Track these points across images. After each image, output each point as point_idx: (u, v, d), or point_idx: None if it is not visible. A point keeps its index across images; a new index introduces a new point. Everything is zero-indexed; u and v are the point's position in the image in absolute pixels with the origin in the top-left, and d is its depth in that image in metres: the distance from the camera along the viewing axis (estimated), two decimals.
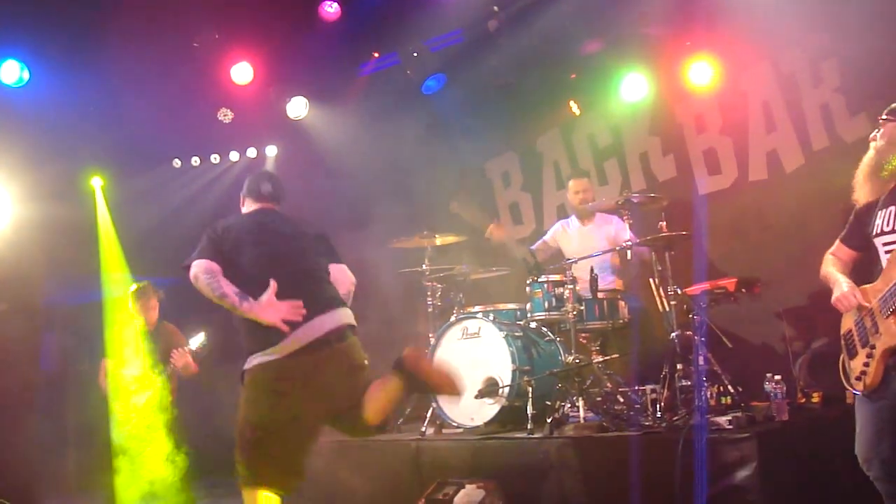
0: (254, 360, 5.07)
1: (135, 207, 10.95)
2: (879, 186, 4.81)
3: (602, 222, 8.53)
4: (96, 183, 11.05)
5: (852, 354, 4.83)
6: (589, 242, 8.41)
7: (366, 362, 5.36)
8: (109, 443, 9.23)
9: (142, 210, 11.02)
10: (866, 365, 4.68)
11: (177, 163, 11.53)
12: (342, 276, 5.78)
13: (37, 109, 9.27)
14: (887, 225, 4.70)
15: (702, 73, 8.69)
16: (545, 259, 8.64)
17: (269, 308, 5.00)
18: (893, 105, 4.87)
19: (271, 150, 11.78)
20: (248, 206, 5.91)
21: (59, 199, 10.33)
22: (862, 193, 4.89)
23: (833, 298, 4.83)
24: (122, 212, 10.89)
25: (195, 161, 11.62)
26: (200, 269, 5.15)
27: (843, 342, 4.92)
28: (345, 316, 5.39)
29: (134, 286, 8.96)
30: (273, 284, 5.06)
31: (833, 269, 4.94)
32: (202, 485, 8.79)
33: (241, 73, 9.87)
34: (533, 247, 8.76)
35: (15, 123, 9.32)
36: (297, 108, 10.39)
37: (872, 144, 4.87)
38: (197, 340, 8.50)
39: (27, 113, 9.25)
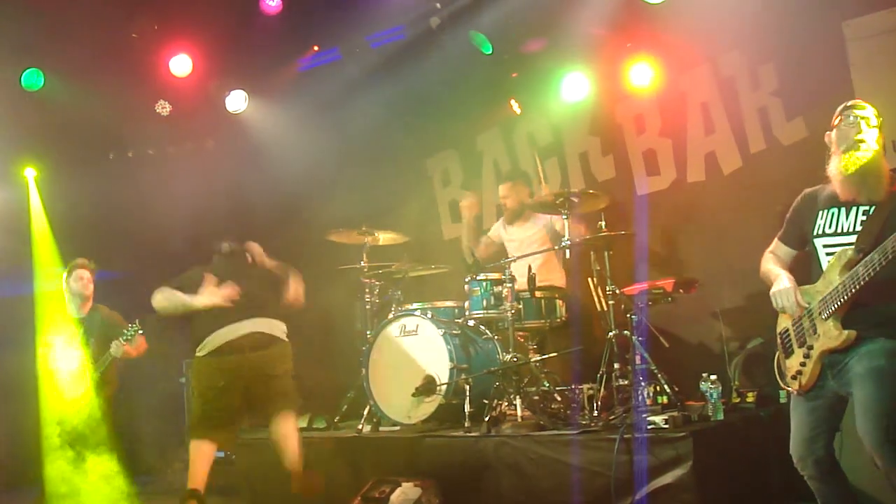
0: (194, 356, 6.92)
1: (69, 199, 10.77)
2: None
3: (538, 221, 8.53)
4: (30, 173, 10.86)
5: (788, 353, 4.88)
6: (526, 239, 8.43)
7: (279, 373, 6.97)
8: (40, 438, 9.10)
9: (76, 202, 10.84)
10: (803, 365, 4.73)
11: (112, 155, 11.37)
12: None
13: None
14: (829, 227, 4.75)
15: (642, 74, 8.72)
16: (491, 254, 8.66)
17: (207, 294, 6.79)
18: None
19: (209, 144, 11.66)
20: None
21: None
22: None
23: (773, 290, 4.85)
24: (55, 203, 10.71)
25: (132, 153, 11.46)
26: (158, 292, 6.98)
27: (779, 340, 4.97)
28: (259, 324, 6.97)
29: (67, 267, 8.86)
30: (210, 277, 6.80)
31: (773, 265, 4.98)
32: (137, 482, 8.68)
33: (180, 65, 9.76)
34: (479, 243, 8.79)
35: None
36: (237, 101, 10.30)
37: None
38: (133, 331, 8.41)
39: None
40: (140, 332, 8.46)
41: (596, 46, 8.86)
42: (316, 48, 10.05)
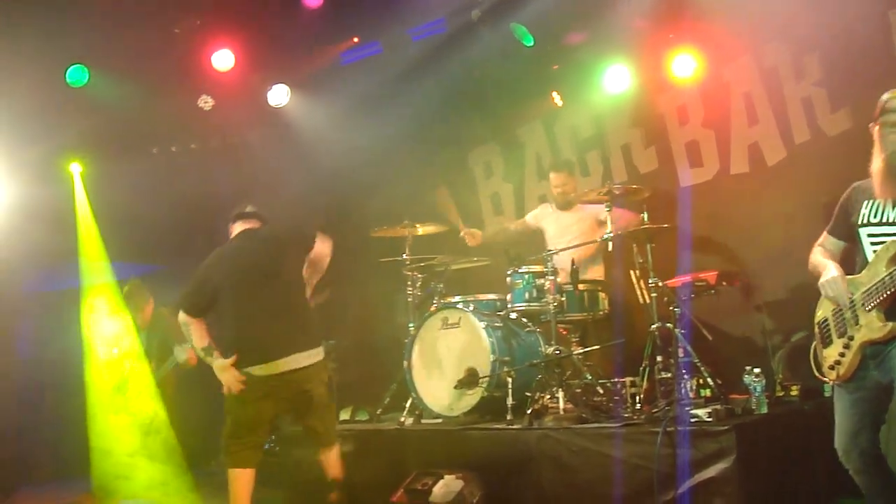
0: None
1: (113, 194, 10.87)
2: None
3: (582, 213, 8.51)
4: (75, 169, 10.97)
5: (826, 343, 4.84)
6: (568, 230, 8.41)
7: (309, 387, 6.51)
8: (87, 431, 9.22)
9: (120, 197, 10.94)
10: (842, 355, 4.69)
11: (156, 149, 11.46)
12: (322, 251, 6.98)
13: (16, 94, 9.19)
14: (874, 216, 4.69)
15: (685, 65, 8.66)
16: (521, 237, 8.67)
17: (224, 373, 6.41)
18: None
19: (252, 138, 11.72)
20: (233, 230, 6.91)
21: (38, 185, 10.27)
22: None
23: (822, 280, 4.79)
24: (100, 198, 10.82)
25: (175, 147, 11.55)
26: (185, 321, 6.55)
27: (817, 330, 4.93)
28: (298, 360, 6.42)
29: (126, 286, 8.97)
30: (231, 359, 6.39)
31: (822, 257, 4.93)
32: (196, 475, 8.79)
33: (223, 60, 9.81)
34: (512, 227, 8.80)
35: None
36: (279, 95, 10.35)
37: None
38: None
39: (6, 97, 9.17)
40: None
41: (638, 38, 8.81)
42: (356, 40, 10.07)
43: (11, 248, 10.12)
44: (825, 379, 4.84)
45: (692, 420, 5.98)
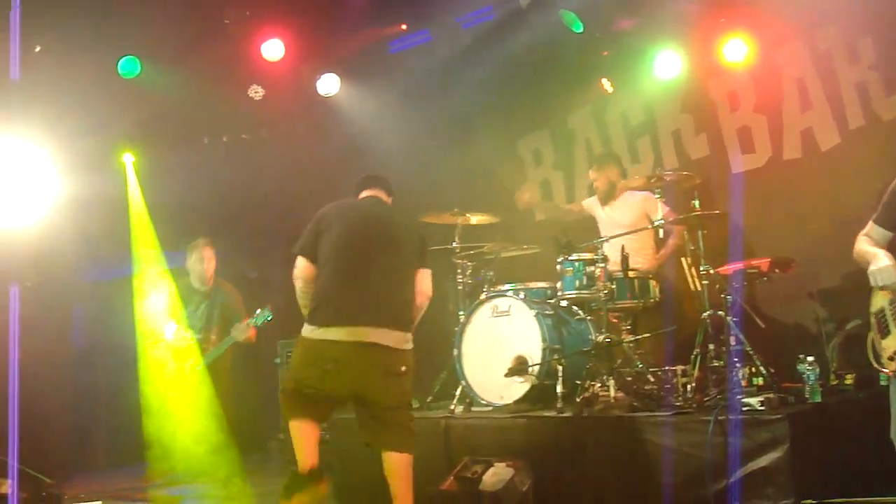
0: (305, 328, 5.95)
1: (165, 183, 10.98)
2: None
3: (630, 200, 8.44)
4: (127, 159, 11.09)
5: (884, 333, 4.77)
6: (618, 219, 8.37)
7: (401, 369, 5.97)
8: (141, 417, 9.32)
9: (172, 186, 11.04)
10: None
11: (207, 139, 11.55)
12: (420, 285, 6.35)
13: (67, 84, 9.29)
14: None
15: (736, 50, 8.58)
16: (573, 219, 8.65)
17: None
18: None
19: (301, 127, 11.78)
20: (363, 192, 6.60)
21: (90, 175, 10.38)
22: None
23: (872, 268, 4.71)
24: (152, 188, 10.93)
25: (226, 138, 11.64)
26: (299, 273, 6.11)
27: (873, 320, 4.87)
28: (383, 336, 5.85)
29: (193, 240, 9.06)
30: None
31: (868, 246, 4.85)
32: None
33: (272, 49, 9.86)
34: (568, 207, 8.77)
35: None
36: (328, 85, 10.39)
37: None
38: (263, 317, 8.60)
39: (60, 89, 9.27)
40: (269, 318, 8.63)
41: (688, 23, 8.75)
42: (404, 27, 10.07)
43: (65, 238, 10.25)
44: (884, 370, 4.78)
45: (744, 409, 5.93)
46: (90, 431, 11.29)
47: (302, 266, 6.08)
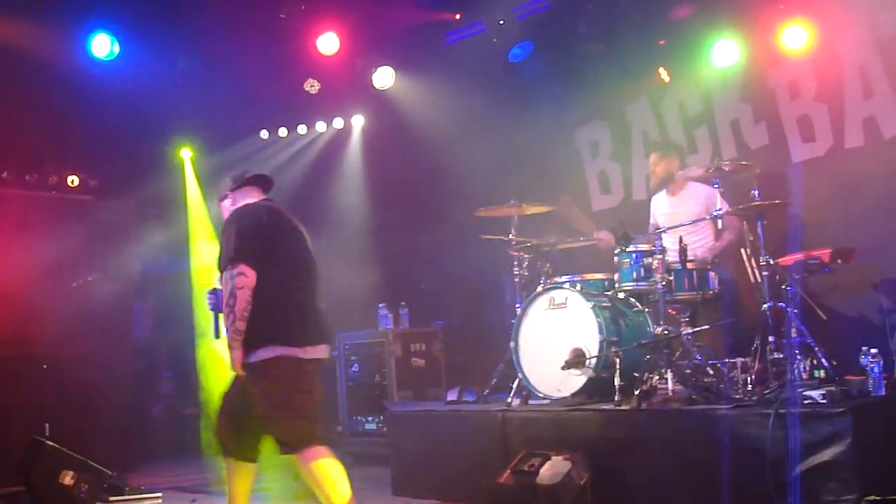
0: (290, 349, 5.56)
1: (223, 178, 11.09)
2: None
3: (691, 192, 8.36)
4: (185, 154, 11.21)
5: None
6: (680, 212, 8.27)
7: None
8: (201, 407, 9.41)
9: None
10: None
11: (264, 134, 11.65)
12: None
13: (127, 82, 9.41)
14: None
15: (796, 36, 8.45)
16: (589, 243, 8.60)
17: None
18: None
19: (358, 121, 11.85)
20: (253, 196, 6.05)
21: (150, 171, 10.52)
22: None
23: None
24: (210, 183, 11.04)
25: (283, 132, 11.73)
26: (249, 283, 5.50)
27: None
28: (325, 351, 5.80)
29: None
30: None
31: None
32: None
33: (328, 43, 9.90)
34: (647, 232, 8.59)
35: (106, 96, 9.48)
36: (384, 77, 10.42)
37: None
38: None
39: (117, 86, 9.39)
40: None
41: (747, 10, 8.66)
42: (458, 16, 10.06)
43: (126, 233, 10.40)
44: None
45: (805, 402, 5.83)
46: (152, 423, 11.44)
47: (252, 275, 5.52)
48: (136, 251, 10.64)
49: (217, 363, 9.30)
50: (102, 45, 9.25)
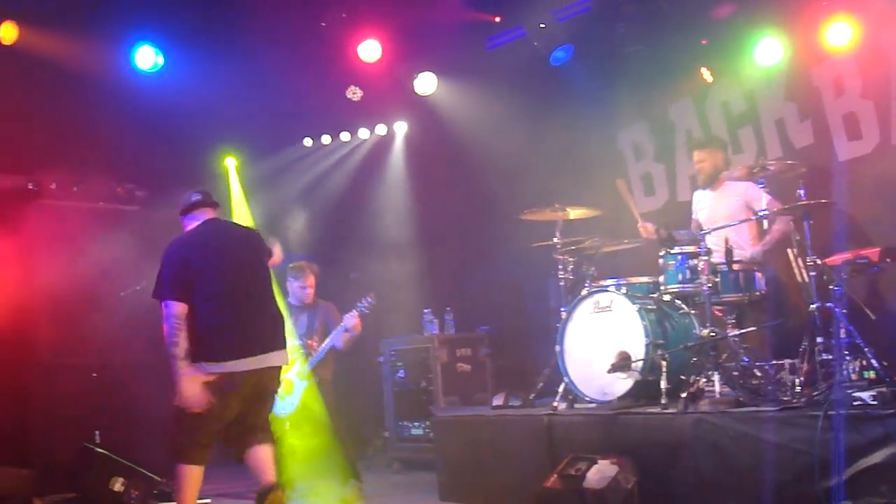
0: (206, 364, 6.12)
1: (268, 186, 11.17)
2: None
3: (732, 189, 8.27)
4: (230, 164, 11.30)
5: None
6: (719, 209, 8.20)
7: (274, 386, 6.52)
8: None
9: (274, 189, 11.24)
10: None
11: (308, 142, 11.72)
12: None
13: (171, 93, 9.51)
14: None
15: (840, 33, 8.34)
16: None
17: (190, 389, 6.07)
18: None
19: (400, 127, 11.88)
20: (200, 217, 6.63)
21: (195, 180, 10.59)
22: None
23: None
24: (255, 191, 11.12)
25: (326, 139, 11.79)
26: (172, 313, 6.12)
27: None
28: (269, 360, 6.29)
29: (291, 265, 9.14)
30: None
31: None
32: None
33: (369, 50, 9.97)
34: (689, 230, 8.52)
35: (151, 107, 9.59)
36: (426, 83, 10.46)
37: None
38: (367, 304, 8.69)
39: (162, 97, 9.50)
40: (372, 303, 8.70)
41: (790, 7, 8.58)
42: (497, 19, 10.06)
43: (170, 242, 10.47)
44: None
45: (855, 403, 5.76)
46: None
47: (174, 306, 6.13)
48: None
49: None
50: (147, 58, 9.37)
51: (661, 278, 7.54)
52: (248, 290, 6.35)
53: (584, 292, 7.70)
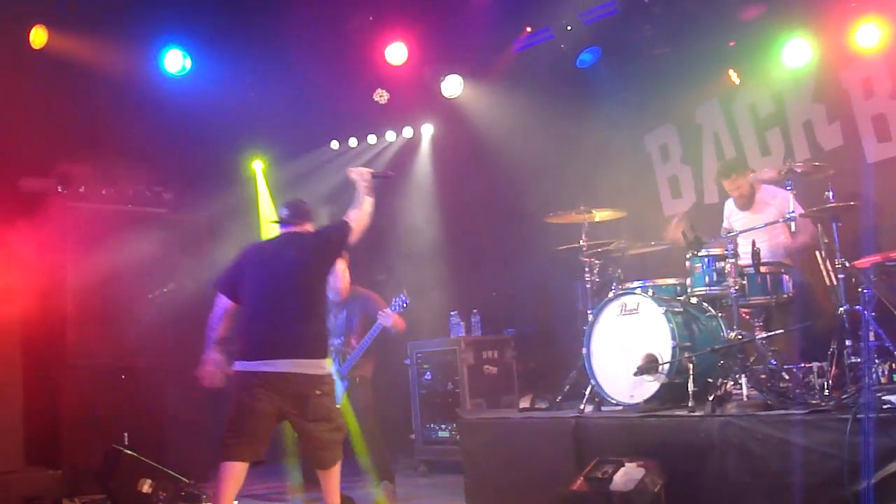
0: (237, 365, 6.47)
1: (295, 189, 11.20)
2: None
3: (766, 198, 8.20)
4: (257, 166, 11.34)
5: None
6: (751, 220, 8.13)
7: (316, 391, 6.51)
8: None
9: (302, 192, 11.26)
10: None
11: (335, 144, 11.75)
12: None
13: (199, 97, 9.56)
14: None
15: (869, 34, 8.31)
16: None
17: (202, 368, 6.56)
18: None
19: (427, 130, 11.89)
20: (283, 227, 7.01)
21: (223, 183, 10.67)
22: None
23: None
24: (283, 194, 11.15)
25: (353, 142, 11.82)
26: (216, 303, 6.69)
27: None
28: (286, 366, 6.41)
29: None
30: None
31: None
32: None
33: (396, 53, 9.99)
34: (720, 237, 8.44)
35: (179, 111, 9.64)
36: (452, 86, 10.48)
37: None
38: (401, 302, 8.64)
39: (190, 101, 9.55)
40: (407, 303, 8.65)
41: (818, 9, 8.55)
42: (529, 30, 10.06)
43: (200, 245, 10.54)
44: None
45: (885, 406, 5.72)
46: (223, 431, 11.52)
47: (220, 300, 6.70)
48: (211, 262, 10.77)
49: None
50: (175, 61, 9.43)
51: (688, 281, 7.52)
52: (280, 301, 6.53)
53: (610, 295, 7.68)
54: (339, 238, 6.79)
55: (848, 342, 6.57)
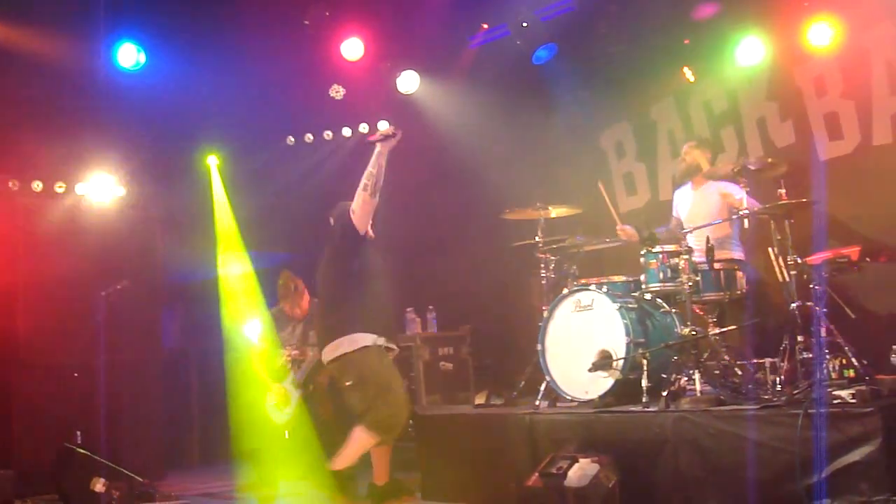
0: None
1: (250, 185, 11.13)
2: None
3: (713, 189, 8.27)
4: (212, 162, 11.25)
5: None
6: (700, 209, 8.21)
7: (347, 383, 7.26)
8: (229, 418, 9.41)
9: (257, 187, 11.20)
10: None
11: (290, 140, 11.68)
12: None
13: (153, 91, 9.47)
14: None
15: (821, 33, 8.37)
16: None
17: None
18: None
19: (382, 125, 11.84)
20: None
21: (177, 179, 10.57)
22: None
23: None
24: (237, 189, 11.08)
25: (308, 138, 11.76)
26: None
27: None
28: (328, 351, 7.29)
29: (280, 279, 9.10)
30: None
31: None
32: None
33: (352, 49, 9.96)
34: (668, 226, 8.51)
35: (133, 106, 9.55)
36: (408, 82, 10.43)
37: None
38: None
39: (144, 95, 9.46)
40: None
41: (771, 7, 8.61)
42: (485, 26, 10.06)
43: (154, 241, 10.44)
44: None
45: (835, 402, 5.79)
46: (183, 430, 11.48)
47: None
48: (164, 259, 10.69)
49: (246, 371, 9.34)
50: (129, 55, 9.32)
51: (643, 277, 7.55)
52: (322, 288, 7.62)
53: (565, 291, 7.70)
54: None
55: (800, 338, 6.63)
